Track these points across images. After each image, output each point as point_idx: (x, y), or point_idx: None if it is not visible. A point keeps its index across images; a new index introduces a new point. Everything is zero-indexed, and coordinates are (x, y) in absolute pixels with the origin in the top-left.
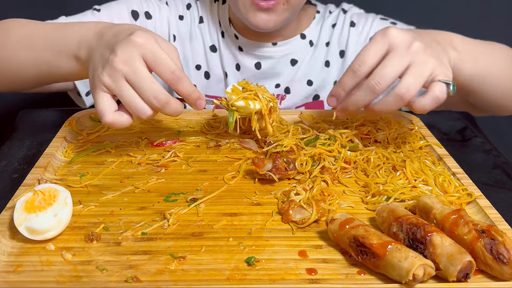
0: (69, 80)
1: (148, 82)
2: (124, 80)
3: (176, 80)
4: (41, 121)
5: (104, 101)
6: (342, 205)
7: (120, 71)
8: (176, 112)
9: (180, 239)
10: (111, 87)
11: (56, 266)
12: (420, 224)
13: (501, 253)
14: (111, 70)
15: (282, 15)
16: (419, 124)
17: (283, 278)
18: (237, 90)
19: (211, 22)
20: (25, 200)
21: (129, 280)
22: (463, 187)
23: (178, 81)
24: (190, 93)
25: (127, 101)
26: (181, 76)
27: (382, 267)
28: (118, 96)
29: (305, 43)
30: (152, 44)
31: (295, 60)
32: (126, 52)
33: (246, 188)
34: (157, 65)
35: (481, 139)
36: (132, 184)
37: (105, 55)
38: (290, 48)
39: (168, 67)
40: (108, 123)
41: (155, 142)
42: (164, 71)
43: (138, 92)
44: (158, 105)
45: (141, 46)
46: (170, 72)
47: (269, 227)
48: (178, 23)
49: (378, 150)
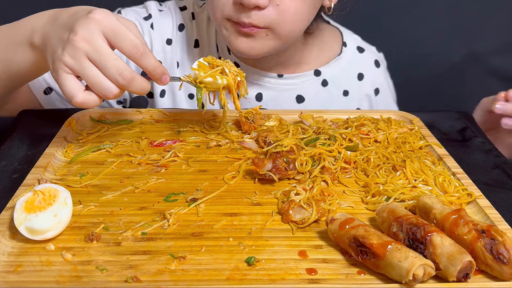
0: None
1: (111, 59)
2: (87, 58)
3: (140, 54)
4: (41, 121)
5: (69, 82)
6: (342, 205)
7: (81, 50)
8: (143, 89)
9: (180, 239)
10: (74, 67)
11: (56, 266)
12: (420, 224)
13: (501, 253)
14: (72, 49)
15: (267, 44)
16: (419, 124)
17: (283, 278)
18: (203, 66)
19: (207, 46)
20: (25, 200)
21: (129, 280)
22: (463, 187)
23: (142, 56)
24: (154, 68)
25: (92, 80)
26: (144, 51)
27: (382, 267)
28: (82, 76)
29: (318, 80)
30: (112, 20)
31: (302, 98)
32: (86, 30)
33: (246, 188)
34: (119, 40)
35: (481, 139)
36: (132, 184)
37: (63, 36)
38: (298, 83)
39: (130, 42)
40: (79, 103)
41: (155, 142)
42: (127, 45)
43: (102, 70)
44: (123, 82)
45: (101, 23)
46: (133, 46)
47: (269, 227)
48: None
49: (378, 150)
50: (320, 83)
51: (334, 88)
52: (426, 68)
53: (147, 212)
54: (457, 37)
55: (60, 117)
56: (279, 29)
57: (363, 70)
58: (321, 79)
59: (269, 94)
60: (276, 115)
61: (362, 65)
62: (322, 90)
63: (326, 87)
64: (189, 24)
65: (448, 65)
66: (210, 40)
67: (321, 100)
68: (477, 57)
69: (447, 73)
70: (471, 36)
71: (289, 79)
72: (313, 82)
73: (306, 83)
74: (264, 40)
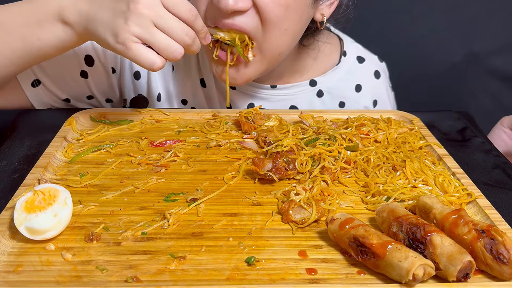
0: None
1: (176, 21)
2: (153, 25)
3: (195, 16)
4: (41, 121)
5: (145, 51)
6: (342, 205)
7: (147, 17)
8: (198, 47)
9: (180, 239)
10: (143, 35)
11: (56, 266)
12: (420, 224)
13: (501, 253)
14: (137, 18)
15: (255, 68)
16: (419, 124)
17: (283, 278)
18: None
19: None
20: (25, 200)
21: (129, 280)
22: (463, 187)
23: (196, 17)
24: (203, 28)
25: (163, 45)
26: (197, 13)
27: (382, 267)
28: (151, 42)
29: (313, 91)
30: None
31: (295, 108)
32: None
33: (246, 188)
34: (176, 5)
35: (481, 139)
36: (132, 184)
37: (120, 8)
38: (291, 93)
39: (185, 6)
40: (160, 67)
41: (155, 142)
42: (183, 10)
43: (169, 34)
44: (189, 41)
45: None
46: (188, 10)
47: (269, 227)
48: None
49: (378, 150)
50: (315, 94)
51: (330, 99)
52: (426, 68)
53: (147, 212)
54: (457, 37)
55: (60, 117)
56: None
57: (362, 81)
58: (316, 90)
59: (261, 104)
60: (276, 115)
61: (361, 76)
62: (316, 101)
63: (321, 97)
64: None
65: (448, 65)
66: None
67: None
68: (477, 57)
69: (447, 73)
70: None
71: (283, 89)
72: (308, 93)
73: (300, 93)
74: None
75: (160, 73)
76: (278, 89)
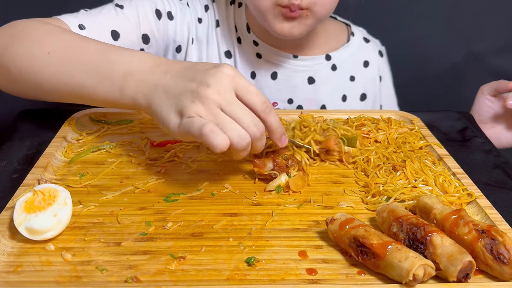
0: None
1: (245, 110)
2: (219, 108)
3: (269, 110)
4: (41, 121)
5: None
6: (342, 205)
7: (215, 101)
8: (262, 146)
9: (180, 239)
10: (207, 117)
11: (56, 266)
12: (420, 224)
13: (501, 253)
14: (203, 100)
15: (306, 24)
16: (419, 124)
17: (283, 278)
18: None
19: (226, 27)
20: (25, 200)
21: (129, 280)
22: (463, 187)
23: (270, 111)
24: (278, 126)
25: (228, 128)
26: (272, 108)
27: (382, 267)
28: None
29: (328, 64)
30: (242, 77)
31: (313, 79)
32: (220, 84)
33: (246, 188)
34: (250, 94)
35: (481, 139)
36: (132, 184)
37: (191, 87)
38: (310, 65)
39: (260, 98)
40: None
41: (155, 142)
42: (257, 101)
43: (237, 121)
44: (258, 133)
45: (233, 78)
46: (263, 102)
47: (269, 227)
48: (197, 26)
49: (378, 150)
50: (330, 67)
51: (342, 72)
52: (426, 68)
53: (147, 212)
54: (457, 37)
55: (60, 117)
56: (317, 9)
57: (369, 58)
58: (331, 64)
59: (283, 73)
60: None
61: (367, 53)
62: (331, 74)
63: (335, 71)
64: (211, 5)
65: (448, 65)
66: (229, 21)
67: (330, 83)
68: (477, 57)
69: (447, 73)
70: (471, 36)
71: (303, 60)
72: (324, 66)
73: (318, 66)
74: (304, 20)
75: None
76: (299, 60)
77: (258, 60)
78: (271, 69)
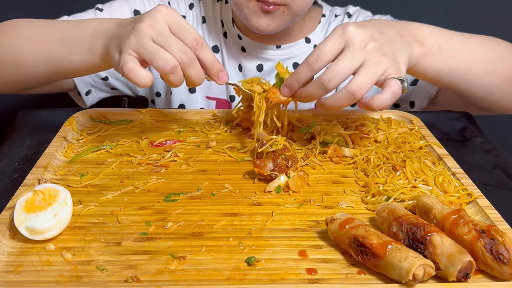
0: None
1: (174, 40)
2: (151, 40)
3: (200, 45)
4: (41, 121)
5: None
6: (342, 205)
7: (146, 33)
8: (198, 75)
9: (180, 239)
10: (137, 48)
11: (56, 266)
12: (420, 224)
13: (501, 253)
14: (137, 33)
15: (282, 19)
16: (419, 124)
17: (283, 278)
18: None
19: (213, 23)
20: (25, 200)
21: (129, 280)
22: (463, 187)
23: (202, 47)
24: (212, 62)
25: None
26: (203, 43)
27: (382, 267)
28: (142, 54)
29: (309, 47)
30: (175, 14)
31: (298, 64)
32: (153, 19)
33: (246, 188)
34: (181, 30)
35: (481, 139)
36: (132, 184)
37: (130, 27)
38: (293, 51)
39: (192, 34)
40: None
41: (155, 142)
42: (188, 36)
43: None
44: (186, 60)
45: (166, 15)
46: (194, 38)
47: (269, 227)
48: None
49: (378, 150)
50: (311, 49)
51: None
52: None
53: (147, 212)
54: None
55: (60, 117)
56: (294, 5)
57: None
58: (312, 46)
59: (269, 64)
60: None
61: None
62: None
63: None
64: (197, 2)
65: None
66: (215, 17)
67: None
68: None
69: None
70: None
71: (286, 49)
72: (305, 49)
73: (300, 50)
74: (281, 16)
75: None
76: (282, 49)
77: (243, 54)
78: (256, 61)
